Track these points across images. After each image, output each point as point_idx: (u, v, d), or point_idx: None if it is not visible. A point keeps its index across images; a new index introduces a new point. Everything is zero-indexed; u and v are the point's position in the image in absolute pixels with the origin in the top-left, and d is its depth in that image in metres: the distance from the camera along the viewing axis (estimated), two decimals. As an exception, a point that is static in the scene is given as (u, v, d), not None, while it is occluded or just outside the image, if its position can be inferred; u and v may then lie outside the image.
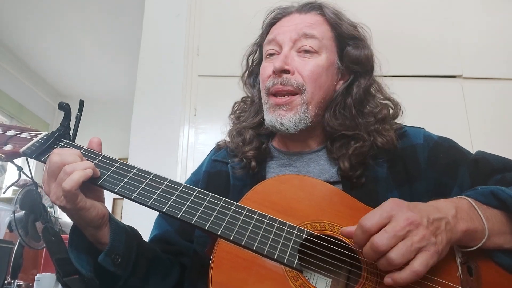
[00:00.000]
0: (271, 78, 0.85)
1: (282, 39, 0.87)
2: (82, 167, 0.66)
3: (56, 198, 0.65)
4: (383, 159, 0.83)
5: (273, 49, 0.89)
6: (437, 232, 0.57)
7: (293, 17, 0.91)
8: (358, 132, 0.84)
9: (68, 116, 0.79)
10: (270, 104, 0.86)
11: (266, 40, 0.92)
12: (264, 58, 0.92)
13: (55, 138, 0.76)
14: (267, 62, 0.90)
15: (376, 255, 0.56)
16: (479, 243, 0.62)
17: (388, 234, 0.55)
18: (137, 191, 0.69)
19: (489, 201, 0.65)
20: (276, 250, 0.63)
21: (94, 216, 0.68)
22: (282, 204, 0.70)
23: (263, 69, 0.90)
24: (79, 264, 0.71)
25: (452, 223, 0.59)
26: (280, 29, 0.90)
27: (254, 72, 1.01)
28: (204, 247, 0.75)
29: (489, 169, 0.77)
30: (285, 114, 0.83)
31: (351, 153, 0.82)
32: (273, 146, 0.94)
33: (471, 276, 0.61)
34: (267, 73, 0.87)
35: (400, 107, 0.91)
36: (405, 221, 0.55)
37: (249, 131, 0.92)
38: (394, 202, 0.59)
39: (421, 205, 0.61)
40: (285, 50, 0.86)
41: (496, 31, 2.09)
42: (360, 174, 0.81)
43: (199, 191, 0.70)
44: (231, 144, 0.93)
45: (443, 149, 0.84)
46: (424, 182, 0.80)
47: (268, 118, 0.85)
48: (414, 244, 0.54)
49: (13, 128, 0.80)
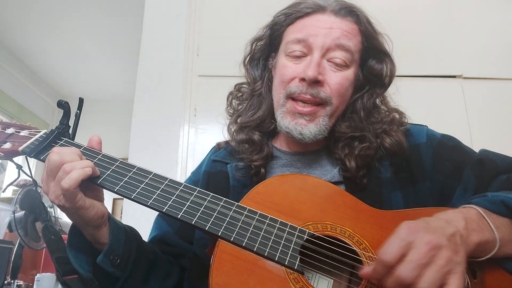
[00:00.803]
0: (298, 84, 0.80)
1: (314, 43, 0.80)
2: (82, 166, 0.65)
3: (55, 197, 0.65)
4: (388, 163, 0.81)
5: (300, 51, 0.82)
6: (457, 249, 0.54)
7: (328, 18, 0.82)
8: (365, 134, 0.82)
9: (68, 114, 0.78)
10: (288, 108, 0.81)
11: (293, 37, 0.83)
12: (285, 53, 0.85)
13: (54, 136, 0.75)
14: (291, 62, 0.83)
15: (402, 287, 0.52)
16: (489, 254, 0.61)
17: (412, 264, 0.51)
18: (137, 190, 0.68)
19: (499, 210, 0.64)
20: (277, 251, 0.62)
21: (93, 215, 0.67)
22: (284, 205, 0.69)
23: (285, 68, 0.83)
24: (78, 264, 0.70)
25: (465, 235, 0.57)
26: (312, 29, 0.81)
27: (257, 58, 0.95)
28: (205, 249, 0.75)
29: (494, 170, 0.76)
30: (306, 124, 0.80)
31: (357, 153, 0.80)
32: (274, 146, 0.93)
33: (474, 278, 0.61)
34: (290, 75, 0.82)
35: (405, 116, 0.89)
36: (427, 246, 0.52)
37: (256, 133, 0.88)
38: (408, 227, 0.56)
39: (432, 222, 0.58)
40: (316, 57, 0.79)
41: (496, 31, 2.09)
42: (363, 175, 0.80)
43: (199, 191, 0.69)
44: (233, 143, 0.90)
45: (447, 148, 0.83)
46: (428, 182, 0.79)
47: (283, 123, 0.82)
48: (442, 269, 0.51)
49: (12, 126, 0.79)
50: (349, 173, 0.80)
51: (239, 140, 0.89)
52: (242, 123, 0.91)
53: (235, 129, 0.92)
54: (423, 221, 0.58)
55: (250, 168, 0.85)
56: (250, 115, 0.91)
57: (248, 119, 0.91)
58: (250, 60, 0.96)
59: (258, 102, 0.92)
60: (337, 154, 0.83)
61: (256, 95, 0.93)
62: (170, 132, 1.92)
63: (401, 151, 0.81)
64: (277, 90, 0.85)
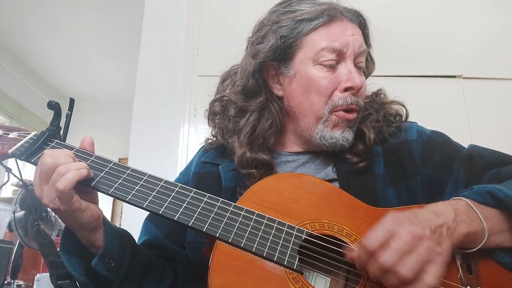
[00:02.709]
0: (341, 95, 0.80)
1: (347, 51, 0.81)
2: (77, 167, 0.64)
3: (50, 200, 0.64)
4: (381, 159, 0.83)
5: (335, 60, 0.81)
6: (440, 240, 0.57)
7: (346, 25, 0.83)
8: (369, 109, 0.88)
9: (58, 115, 0.77)
10: (335, 120, 0.81)
11: (326, 44, 0.80)
12: (315, 61, 0.81)
13: (45, 138, 0.74)
14: (327, 73, 0.81)
15: (383, 273, 0.55)
16: (479, 245, 0.62)
17: (392, 250, 0.54)
18: (132, 192, 0.67)
19: (486, 200, 0.65)
20: (275, 251, 0.62)
21: (89, 218, 0.67)
22: (281, 204, 0.69)
23: (323, 79, 0.80)
24: (72, 267, 0.69)
25: (452, 227, 0.59)
26: (343, 38, 0.80)
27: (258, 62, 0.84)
28: (198, 254, 0.74)
29: (483, 164, 0.77)
30: (350, 131, 0.82)
31: (370, 125, 0.84)
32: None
33: (470, 274, 0.61)
34: (331, 86, 0.80)
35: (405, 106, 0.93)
36: (408, 236, 0.55)
37: (261, 154, 0.83)
38: (394, 217, 0.58)
39: (420, 213, 0.60)
40: (351, 66, 0.81)
41: (496, 31, 2.09)
42: (359, 167, 0.82)
43: (195, 191, 0.69)
44: (236, 160, 0.84)
45: (437, 144, 0.84)
46: (419, 178, 0.80)
47: (329, 134, 0.81)
48: (421, 256, 0.54)
49: (0, 128, 0.77)
50: (358, 156, 0.82)
51: (245, 161, 0.83)
52: (244, 142, 0.85)
53: (240, 148, 0.85)
54: (410, 212, 0.60)
55: (251, 177, 0.83)
56: (260, 131, 0.85)
57: (255, 138, 0.85)
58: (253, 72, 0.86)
59: (258, 116, 0.86)
60: None
61: (256, 112, 0.86)
62: (170, 132, 1.91)
63: (406, 114, 0.90)
64: (315, 103, 0.81)
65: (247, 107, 0.87)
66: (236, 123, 0.88)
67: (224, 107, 0.92)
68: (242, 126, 0.86)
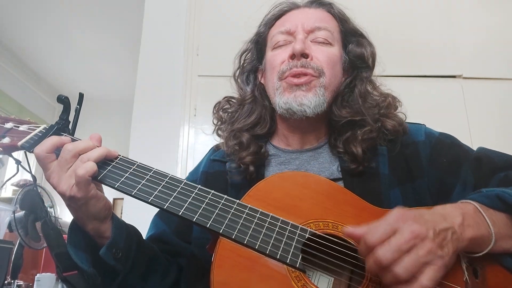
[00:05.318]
0: (287, 63, 0.84)
1: (295, 29, 0.87)
2: (98, 154, 0.67)
3: (67, 187, 0.65)
4: (386, 160, 0.82)
5: (284, 40, 0.88)
6: (443, 244, 0.55)
7: (303, 11, 0.92)
8: (365, 118, 0.84)
9: (67, 109, 0.78)
10: (284, 86, 0.84)
11: (277, 31, 0.90)
12: (271, 48, 0.91)
13: (54, 131, 0.75)
14: (278, 51, 0.88)
15: (379, 269, 0.54)
16: (486, 249, 0.60)
17: (391, 247, 0.53)
18: (137, 187, 0.68)
19: (495, 204, 0.64)
20: (278, 249, 0.62)
21: (102, 206, 0.68)
22: (285, 202, 0.69)
23: (274, 56, 0.88)
24: (79, 260, 0.70)
25: (458, 232, 0.57)
26: (292, 21, 0.89)
27: (246, 70, 0.99)
28: (202, 249, 0.74)
29: (492, 167, 0.76)
30: (305, 95, 0.82)
31: (361, 138, 0.82)
32: (272, 144, 0.93)
33: (476, 278, 0.60)
34: (280, 59, 0.86)
35: (398, 100, 0.91)
36: (410, 234, 0.53)
37: (245, 134, 0.90)
38: (398, 214, 0.57)
39: (427, 214, 0.58)
40: (301, 37, 0.85)
41: (496, 31, 2.09)
42: (364, 167, 0.80)
43: (200, 188, 0.69)
44: (226, 149, 0.91)
45: (445, 146, 0.83)
46: (426, 179, 0.79)
47: (282, 100, 0.83)
48: (419, 258, 0.52)
49: (11, 121, 0.78)
50: (355, 162, 0.80)
51: (231, 145, 0.90)
52: (233, 129, 0.92)
53: (227, 136, 0.92)
54: (417, 212, 0.58)
55: (240, 167, 0.86)
56: (242, 122, 0.93)
57: (240, 125, 0.92)
58: (240, 73, 1.00)
59: (250, 109, 0.94)
60: (340, 146, 0.84)
61: (247, 104, 0.95)
62: (170, 132, 1.92)
63: (404, 130, 0.85)
64: (271, 79, 0.88)
65: (242, 101, 0.97)
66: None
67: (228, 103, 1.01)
68: (237, 116, 0.95)
